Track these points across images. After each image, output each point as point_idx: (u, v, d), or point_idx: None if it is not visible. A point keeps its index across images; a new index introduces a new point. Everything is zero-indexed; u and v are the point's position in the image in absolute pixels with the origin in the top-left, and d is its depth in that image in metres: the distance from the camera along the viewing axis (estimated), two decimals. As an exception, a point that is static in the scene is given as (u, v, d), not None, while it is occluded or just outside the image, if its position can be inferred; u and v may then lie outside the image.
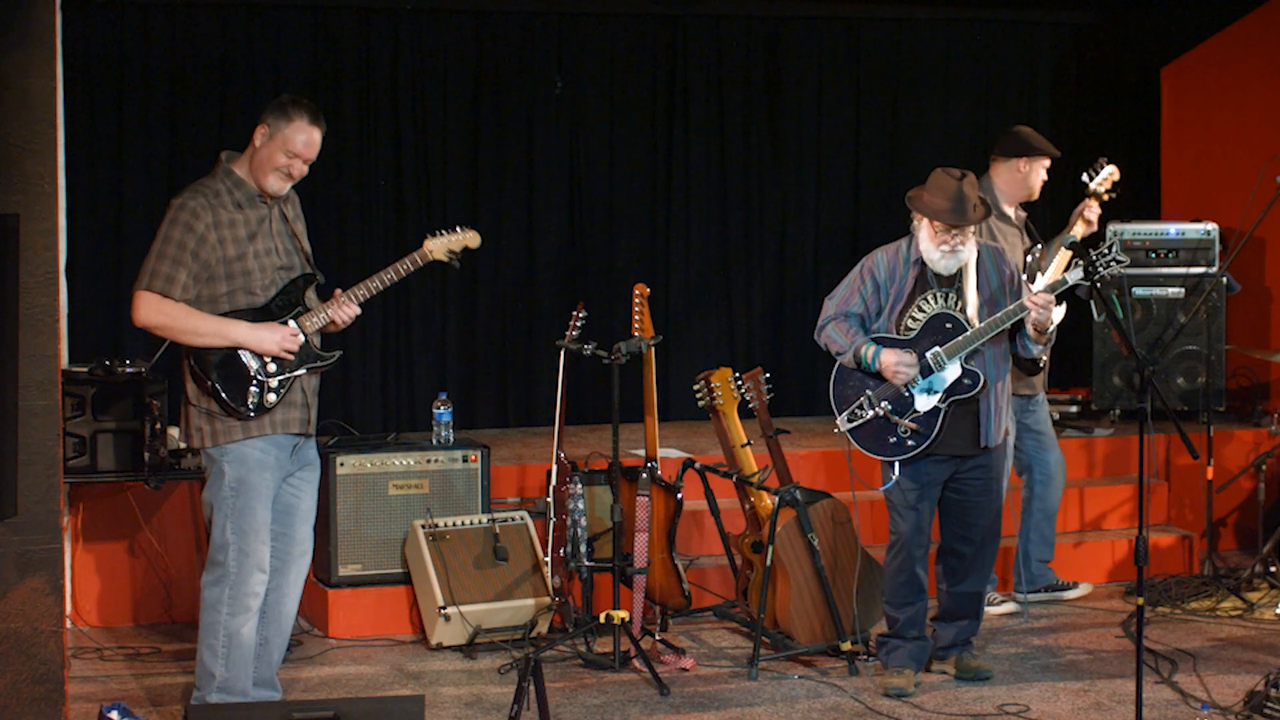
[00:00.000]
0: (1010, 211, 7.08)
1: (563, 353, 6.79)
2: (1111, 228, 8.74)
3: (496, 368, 9.15)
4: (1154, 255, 8.75)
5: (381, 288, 5.53)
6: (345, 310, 5.48)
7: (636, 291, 6.72)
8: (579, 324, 6.78)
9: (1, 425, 4.56)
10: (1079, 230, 7.06)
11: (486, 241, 9.00)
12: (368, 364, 8.87)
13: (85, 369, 6.78)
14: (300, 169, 5.39)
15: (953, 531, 6.17)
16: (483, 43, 9.03)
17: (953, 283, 6.01)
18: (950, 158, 9.39)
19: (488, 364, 9.13)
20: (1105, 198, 7.16)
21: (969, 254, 5.99)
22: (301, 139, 5.35)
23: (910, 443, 5.98)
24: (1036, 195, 7.14)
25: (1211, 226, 8.79)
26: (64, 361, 6.59)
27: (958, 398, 5.96)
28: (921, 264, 6.02)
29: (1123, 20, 9.90)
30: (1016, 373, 6.99)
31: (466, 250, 5.75)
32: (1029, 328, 5.97)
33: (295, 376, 5.42)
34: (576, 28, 9.20)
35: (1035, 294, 5.94)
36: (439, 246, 5.67)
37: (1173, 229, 8.78)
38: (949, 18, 9.73)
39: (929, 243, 5.97)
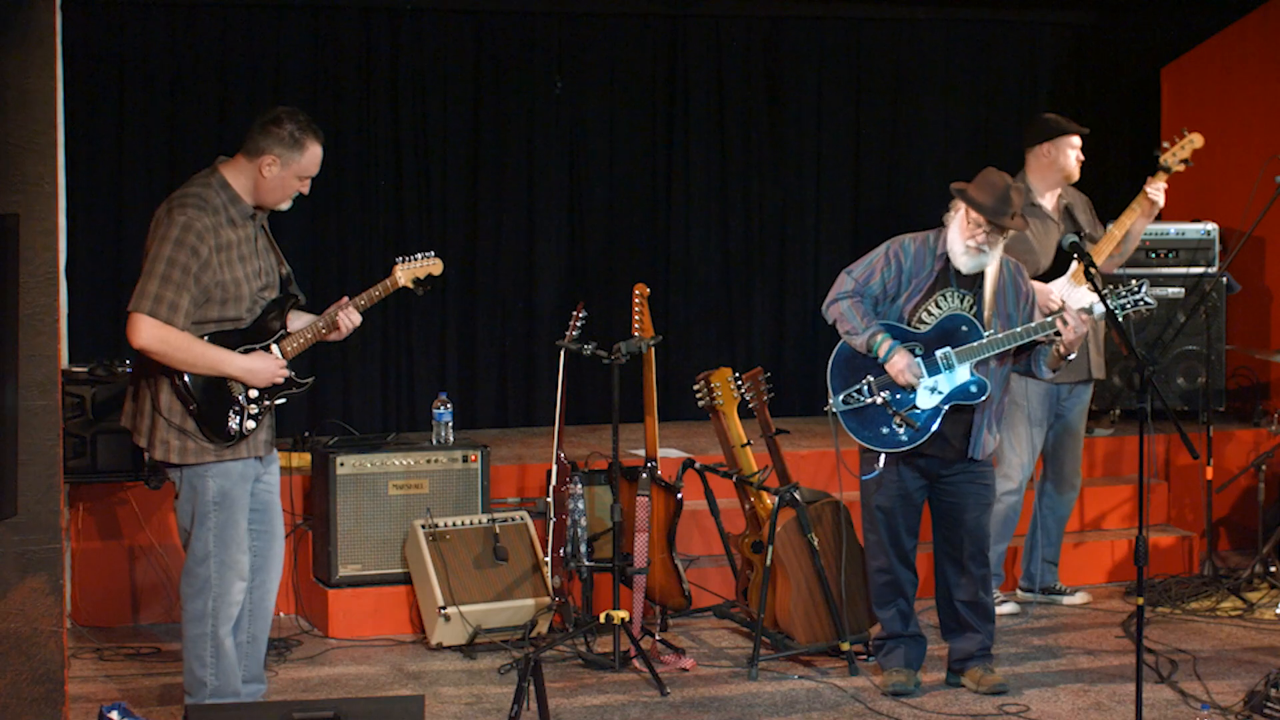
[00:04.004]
0: (1045, 202, 7.07)
1: (563, 353, 6.79)
2: (1112, 228, 8.72)
3: (496, 368, 9.15)
4: (1154, 255, 8.75)
5: (367, 305, 5.46)
6: (348, 316, 5.41)
7: (636, 291, 6.71)
8: (579, 324, 6.78)
9: (1, 425, 4.56)
10: (1140, 208, 7.01)
11: (487, 241, 9.13)
12: (368, 364, 8.87)
13: (85, 369, 6.79)
14: (308, 186, 5.37)
15: (942, 536, 6.15)
16: (483, 43, 9.03)
17: (972, 285, 5.98)
18: (950, 158, 9.45)
19: (488, 364, 9.13)
20: (1177, 169, 7.08)
21: (992, 259, 5.94)
22: (316, 162, 5.31)
23: (903, 437, 5.94)
24: (1075, 176, 7.12)
25: (1211, 226, 8.78)
26: (64, 361, 6.58)
27: (960, 403, 5.94)
28: (946, 259, 5.98)
29: (1123, 20, 9.90)
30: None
31: (431, 277, 5.58)
32: (1052, 349, 5.92)
33: (274, 404, 5.35)
34: (576, 28, 9.20)
35: (1073, 311, 5.86)
36: (406, 274, 5.53)
37: (1173, 229, 8.77)
38: (949, 18, 9.73)
39: (958, 234, 5.91)
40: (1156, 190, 7.05)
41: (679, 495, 6.68)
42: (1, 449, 4.55)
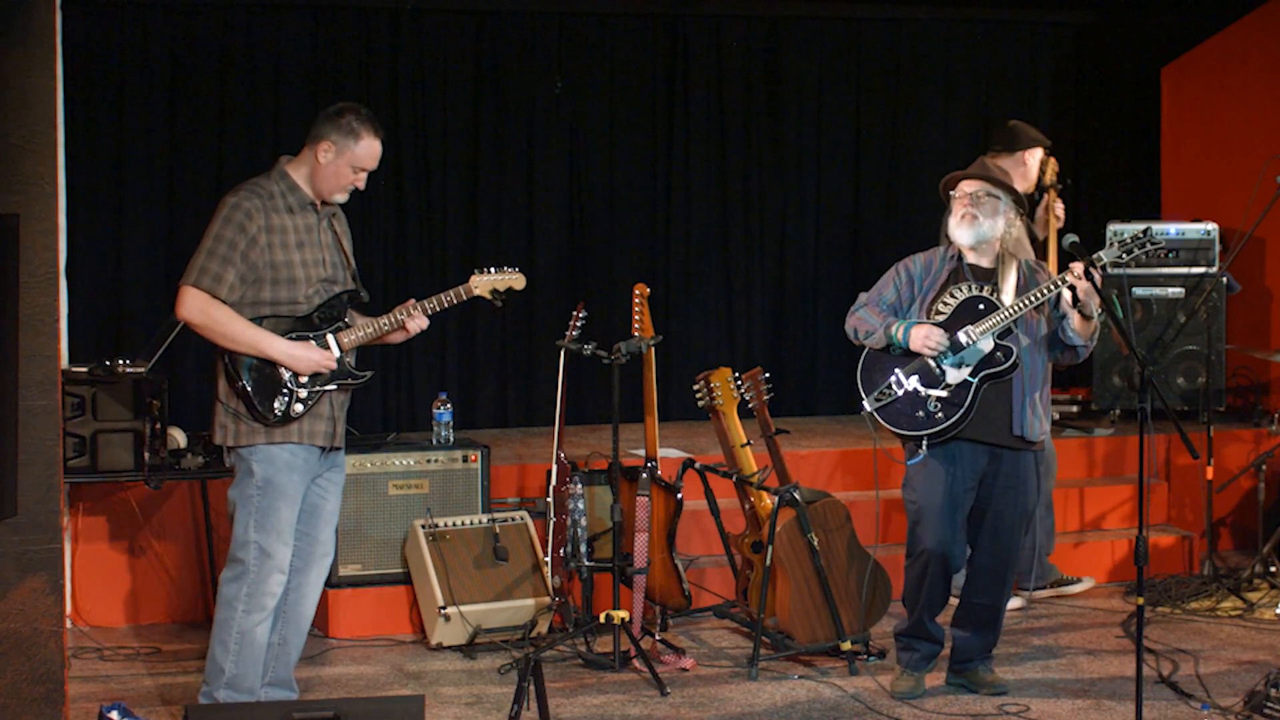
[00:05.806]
0: None
1: (563, 353, 6.78)
2: (1112, 227, 8.73)
3: (496, 368, 9.15)
4: (1154, 255, 8.74)
5: (437, 310, 5.59)
6: (416, 320, 5.56)
7: (636, 291, 6.72)
8: (579, 324, 6.78)
9: (1, 425, 4.56)
10: (1054, 226, 7.12)
11: (486, 241, 9.12)
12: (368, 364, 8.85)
13: (85, 369, 6.78)
14: (364, 181, 5.45)
15: (974, 531, 6.06)
16: (483, 43, 9.03)
17: (989, 278, 5.95)
18: (950, 158, 9.43)
19: (488, 364, 9.13)
20: (1059, 187, 7.23)
21: (991, 231, 5.91)
22: (372, 155, 5.42)
23: (940, 415, 5.85)
24: (1034, 187, 7.19)
25: (1211, 226, 8.78)
26: (64, 361, 6.59)
27: (990, 371, 5.83)
28: (958, 259, 5.98)
29: (1123, 20, 9.91)
30: None
31: (511, 291, 5.72)
32: (1072, 316, 5.81)
33: (325, 391, 5.42)
34: (576, 28, 9.20)
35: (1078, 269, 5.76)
36: (484, 284, 5.69)
37: (1173, 229, 8.77)
38: (949, 18, 9.73)
39: (952, 216, 5.97)
40: (1060, 208, 7.30)
41: (679, 495, 6.68)
42: (1, 449, 4.55)
